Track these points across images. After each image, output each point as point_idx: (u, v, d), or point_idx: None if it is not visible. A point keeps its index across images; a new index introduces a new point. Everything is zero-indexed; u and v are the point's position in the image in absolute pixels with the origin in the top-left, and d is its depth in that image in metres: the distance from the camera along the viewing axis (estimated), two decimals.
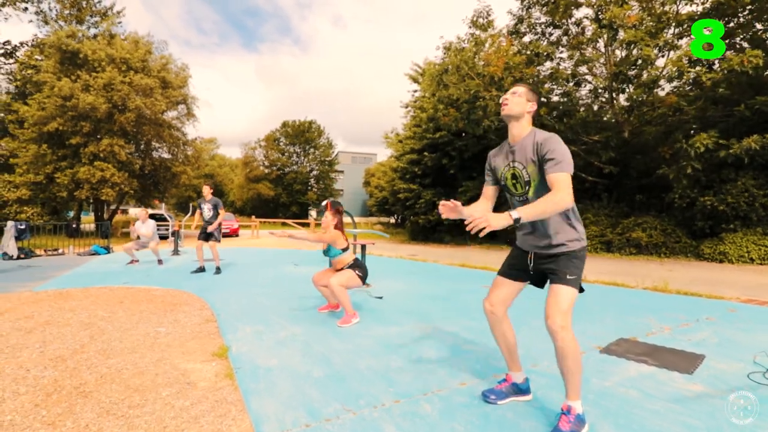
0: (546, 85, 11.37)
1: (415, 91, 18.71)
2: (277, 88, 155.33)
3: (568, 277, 1.82)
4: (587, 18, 11.14)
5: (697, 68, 8.58)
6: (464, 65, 11.49)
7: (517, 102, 1.90)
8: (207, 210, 6.83)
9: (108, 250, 10.39)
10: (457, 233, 15.78)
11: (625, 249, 10.75)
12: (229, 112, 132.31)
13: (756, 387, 2.35)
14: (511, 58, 10.42)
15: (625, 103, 10.91)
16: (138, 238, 8.15)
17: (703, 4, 9.52)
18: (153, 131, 15.72)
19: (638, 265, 8.68)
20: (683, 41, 9.74)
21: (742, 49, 8.18)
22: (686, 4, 9.90)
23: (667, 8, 10.16)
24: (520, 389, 2.13)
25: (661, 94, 10.81)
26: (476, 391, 2.23)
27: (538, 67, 11.19)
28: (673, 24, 9.85)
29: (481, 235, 1.62)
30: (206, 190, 6.94)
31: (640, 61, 8.81)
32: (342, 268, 3.91)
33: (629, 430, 1.85)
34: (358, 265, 3.89)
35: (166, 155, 17.85)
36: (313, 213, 49.31)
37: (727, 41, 9.14)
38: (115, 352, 2.88)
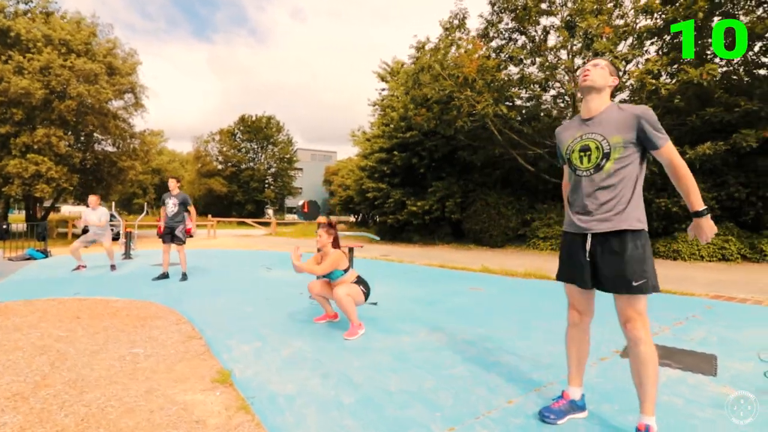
0: (514, 89, 11.64)
1: (383, 89, 18.54)
2: (231, 81, 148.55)
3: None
4: (553, 26, 11.55)
5: (660, 79, 9.12)
6: (437, 65, 11.48)
7: (600, 74, 1.84)
8: (172, 205, 6.18)
9: (46, 254, 9.19)
10: (425, 233, 15.82)
11: None
12: (178, 104, 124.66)
13: None
14: (485, 61, 10.55)
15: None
16: (85, 232, 7.21)
17: (658, 19, 10.16)
18: (97, 122, 14.19)
19: None
20: (651, 51, 10.38)
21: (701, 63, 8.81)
22: (644, 18, 10.53)
23: (622, 21, 10.78)
24: (578, 406, 1.99)
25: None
26: (527, 410, 2.06)
27: (507, 71, 11.42)
28: (633, 36, 10.44)
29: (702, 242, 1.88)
30: (173, 184, 6.29)
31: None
32: None
33: None
34: (362, 282, 3.60)
35: (110, 148, 16.24)
36: (270, 212, 47.76)
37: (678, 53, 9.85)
38: (88, 383, 2.39)
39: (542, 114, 13.11)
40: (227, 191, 38.16)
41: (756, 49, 9.60)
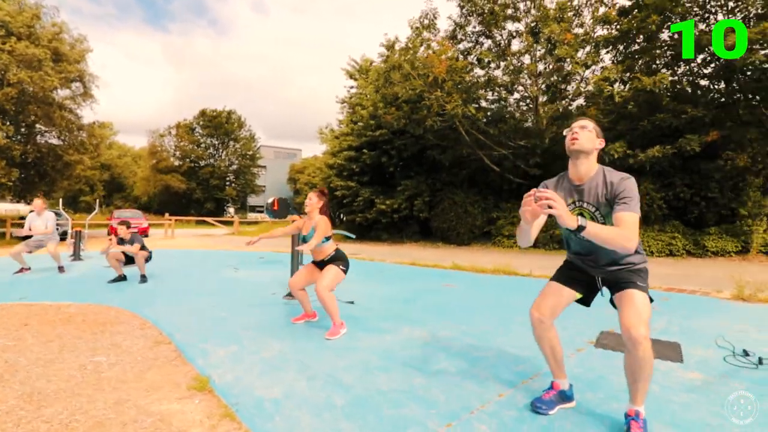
0: (481, 91, 11.94)
1: (352, 87, 18.40)
2: (188, 73, 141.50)
3: (639, 283, 1.77)
4: (518, 32, 11.97)
5: (614, 86, 9.69)
6: (407, 64, 11.54)
7: (588, 137, 1.82)
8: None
9: None
10: (394, 231, 15.88)
11: (549, 245, 11.78)
12: (130, 95, 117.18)
13: (736, 369, 2.58)
14: (454, 62, 10.74)
15: (549, 113, 11.94)
16: (25, 238, 6.59)
17: (613, 30, 10.80)
18: (40, 111, 13.00)
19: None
20: (606, 59, 10.98)
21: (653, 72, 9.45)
22: (601, 29, 11.15)
23: (581, 30, 11.38)
24: (567, 396, 2.04)
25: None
26: (519, 402, 2.08)
27: (473, 73, 11.69)
28: (591, 45, 11.03)
29: (546, 211, 1.55)
30: (122, 230, 5.74)
31: (570, 76, 9.72)
32: (323, 260, 3.48)
33: (683, 427, 1.84)
34: (341, 257, 3.48)
35: (55, 141, 14.94)
36: (231, 210, 46.09)
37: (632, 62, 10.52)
38: (46, 397, 2.16)
39: (507, 116, 13.57)
40: (185, 188, 36.38)
41: (699, 60, 10.43)
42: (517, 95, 12.56)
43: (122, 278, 5.82)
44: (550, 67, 10.82)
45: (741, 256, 8.97)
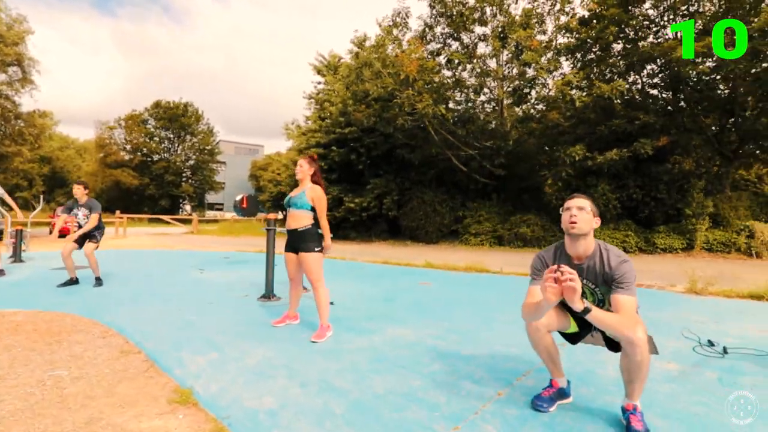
0: (449, 92, 12.13)
1: (319, 82, 18.06)
2: (140, 62, 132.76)
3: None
4: (485, 35, 12.26)
5: (573, 92, 10.17)
6: (377, 62, 11.49)
7: (586, 219, 1.87)
8: (82, 217, 5.33)
9: None
10: (362, 230, 15.80)
11: (514, 243, 12.20)
12: (75, 83, 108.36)
13: (705, 359, 2.76)
14: (425, 62, 10.82)
15: (514, 116, 12.35)
16: None
17: (574, 38, 11.34)
18: None
19: (529, 257, 9.92)
20: (565, 66, 11.49)
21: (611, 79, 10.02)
22: (562, 36, 11.67)
23: (545, 37, 11.86)
24: (565, 393, 2.08)
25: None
26: (519, 401, 2.10)
27: (443, 73, 11.85)
28: (552, 51, 11.52)
29: (567, 291, 1.66)
30: (79, 191, 5.33)
31: (534, 80, 10.10)
32: (296, 230, 3.24)
33: (673, 417, 1.93)
34: (316, 237, 3.24)
35: None
36: (187, 207, 43.90)
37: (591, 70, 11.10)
38: (3, 419, 1.90)
39: (474, 117, 13.90)
40: (138, 184, 34.21)
41: (648, 70, 11.20)
42: (483, 97, 12.90)
43: (74, 281, 5.33)
44: (515, 71, 11.19)
45: (686, 252, 9.75)
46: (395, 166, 15.33)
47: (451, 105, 12.74)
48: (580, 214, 1.86)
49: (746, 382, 2.36)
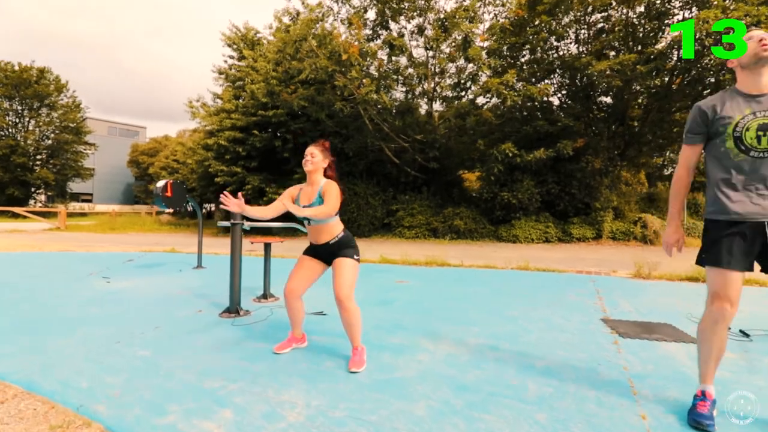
0: (389, 80, 11.73)
1: (231, 56, 15.93)
2: None
3: None
4: (420, 27, 12.10)
5: (507, 91, 10.65)
6: (313, 40, 10.44)
7: None
8: None
9: None
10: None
11: (448, 234, 12.46)
12: None
13: (732, 343, 2.87)
14: (368, 47, 10.18)
15: (451, 111, 12.52)
16: None
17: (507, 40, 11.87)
18: None
19: (470, 248, 10.18)
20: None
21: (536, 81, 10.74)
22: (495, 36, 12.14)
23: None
24: (715, 403, 1.83)
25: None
26: (674, 426, 1.77)
27: (383, 59, 11.39)
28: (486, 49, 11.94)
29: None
30: None
31: (476, 76, 10.30)
32: (327, 243, 2.53)
33: None
34: (352, 243, 2.58)
35: None
36: (42, 197, 35.65)
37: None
38: None
39: (412, 107, 13.70)
40: None
41: (566, 78, 12.36)
42: (420, 89, 12.79)
43: None
44: (452, 66, 11.30)
45: (596, 241, 11.08)
46: None
47: (391, 94, 12.33)
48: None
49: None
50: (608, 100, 12.39)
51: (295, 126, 13.28)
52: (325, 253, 2.59)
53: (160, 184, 5.77)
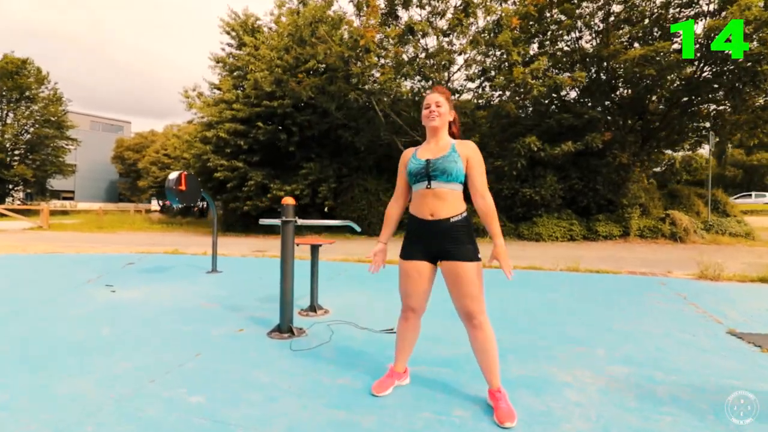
0: (407, 67, 10.99)
1: (230, 44, 14.97)
2: None
3: None
4: (441, 11, 11.35)
5: (534, 81, 10.04)
6: (323, 26, 9.63)
7: None
8: None
9: None
10: None
11: None
12: None
13: None
14: (385, 32, 9.43)
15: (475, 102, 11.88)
16: None
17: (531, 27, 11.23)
18: None
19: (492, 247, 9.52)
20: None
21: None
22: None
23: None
24: None
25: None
26: None
27: (406, 47, 10.62)
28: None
29: None
30: None
31: (504, 65, 9.66)
32: (447, 221, 1.86)
33: None
34: (473, 239, 1.91)
35: None
36: (20, 195, 33.85)
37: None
38: None
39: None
40: None
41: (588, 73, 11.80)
42: (438, 77, 12.07)
43: None
44: (477, 54, 10.64)
45: (623, 239, 10.58)
46: (330, 149, 13.57)
47: (408, 84, 11.60)
48: None
49: None
50: (628, 92, 11.89)
51: (301, 118, 12.43)
52: (434, 240, 1.86)
53: (173, 176, 4.96)
